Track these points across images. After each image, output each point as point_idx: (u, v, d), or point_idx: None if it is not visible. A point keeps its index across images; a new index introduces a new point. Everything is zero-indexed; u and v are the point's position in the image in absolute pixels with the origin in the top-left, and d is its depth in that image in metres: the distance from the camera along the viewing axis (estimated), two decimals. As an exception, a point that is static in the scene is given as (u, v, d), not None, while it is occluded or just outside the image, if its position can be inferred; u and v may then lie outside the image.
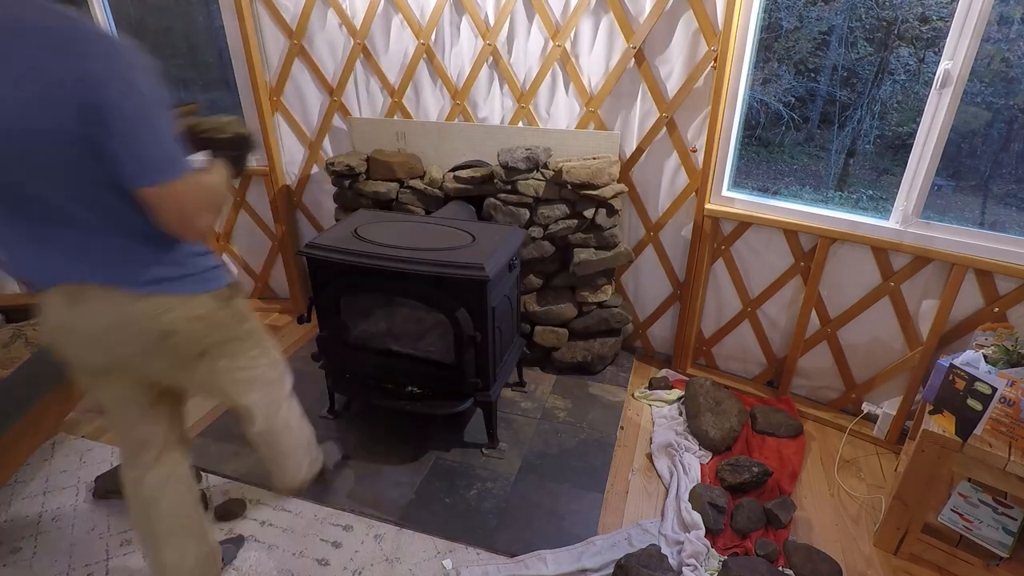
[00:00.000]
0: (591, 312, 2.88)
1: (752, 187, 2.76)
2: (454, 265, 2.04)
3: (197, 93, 3.47)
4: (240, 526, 2.05)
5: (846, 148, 2.68)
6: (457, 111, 2.92)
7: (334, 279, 2.22)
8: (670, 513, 2.10)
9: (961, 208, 2.45)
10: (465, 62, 2.81)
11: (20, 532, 2.02)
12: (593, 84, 2.67)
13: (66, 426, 2.54)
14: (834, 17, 2.51)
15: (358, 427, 2.54)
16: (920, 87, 2.33)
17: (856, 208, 2.57)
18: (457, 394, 2.27)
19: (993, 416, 1.75)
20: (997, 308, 2.16)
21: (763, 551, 1.93)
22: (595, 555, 1.93)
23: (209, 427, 2.55)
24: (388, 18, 2.82)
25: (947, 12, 2.03)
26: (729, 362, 3.01)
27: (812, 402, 2.77)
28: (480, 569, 1.88)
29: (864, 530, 2.10)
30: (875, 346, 2.51)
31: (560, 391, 2.84)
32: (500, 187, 2.67)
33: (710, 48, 2.39)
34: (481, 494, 2.19)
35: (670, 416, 2.67)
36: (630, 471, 2.36)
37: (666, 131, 2.63)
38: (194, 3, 3.24)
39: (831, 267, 2.49)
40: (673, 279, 2.95)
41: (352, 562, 1.92)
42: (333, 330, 2.34)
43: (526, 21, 2.65)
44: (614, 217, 2.71)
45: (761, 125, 2.73)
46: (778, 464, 2.34)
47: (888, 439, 2.51)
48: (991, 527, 1.88)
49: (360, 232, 2.28)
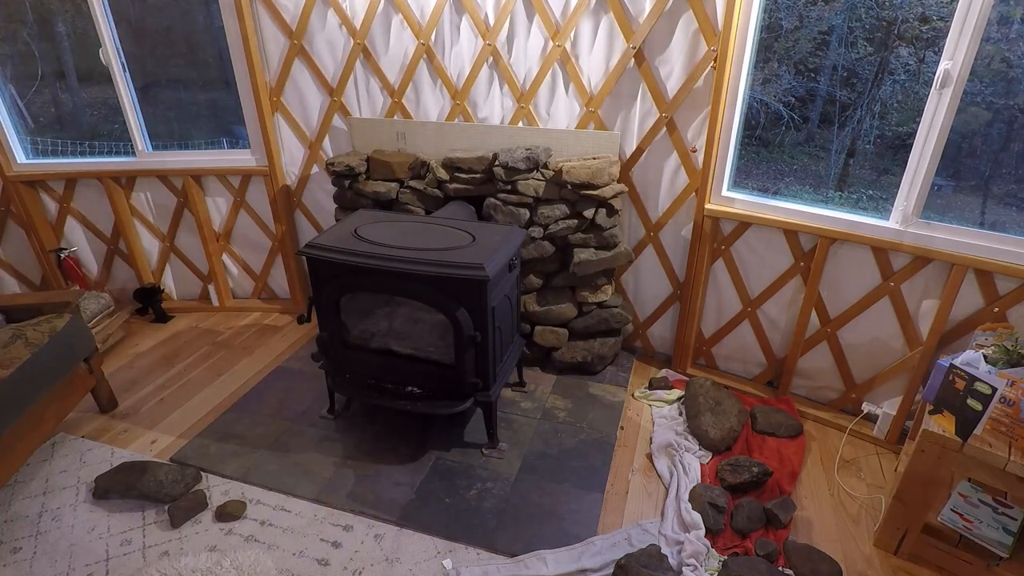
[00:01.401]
0: (591, 312, 2.88)
1: (752, 187, 2.76)
2: (454, 265, 2.04)
3: (197, 93, 3.47)
4: (240, 526, 2.05)
5: (846, 148, 2.68)
6: (457, 111, 2.92)
7: (334, 279, 2.22)
8: (670, 513, 2.10)
9: (961, 208, 2.44)
10: (465, 62, 2.81)
11: (20, 532, 2.03)
12: (593, 84, 2.67)
13: (66, 426, 2.54)
14: (834, 17, 2.51)
15: (358, 427, 2.54)
16: (920, 87, 2.33)
17: (856, 208, 2.57)
18: (457, 394, 2.27)
19: (993, 416, 1.75)
20: (997, 308, 2.16)
21: (763, 551, 1.93)
22: (595, 555, 1.93)
23: (209, 427, 2.55)
24: (388, 18, 2.82)
25: (947, 12, 2.03)
26: (729, 362, 3.01)
27: (812, 402, 2.77)
28: (480, 569, 1.88)
29: (864, 530, 2.10)
30: (875, 346, 2.51)
31: (560, 391, 2.84)
32: (500, 187, 2.67)
33: (710, 48, 2.39)
34: (481, 494, 2.19)
35: (670, 416, 2.67)
36: (630, 471, 2.36)
37: (666, 131, 2.63)
38: (194, 3, 3.24)
39: (831, 267, 2.49)
40: (673, 279, 2.95)
41: (352, 562, 1.92)
42: (333, 330, 2.34)
43: (526, 21, 2.66)
44: (614, 217, 2.71)
45: (761, 125, 2.73)
46: (778, 464, 2.34)
47: (888, 439, 2.51)
48: (991, 527, 1.88)
49: (360, 232, 2.28)
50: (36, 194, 3.39)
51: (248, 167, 3.32)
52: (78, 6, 3.03)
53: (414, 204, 2.89)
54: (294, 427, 2.55)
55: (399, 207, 2.92)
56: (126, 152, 3.38)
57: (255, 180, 3.37)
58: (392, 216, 2.62)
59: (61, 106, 3.55)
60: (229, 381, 2.93)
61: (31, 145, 3.40)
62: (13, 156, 3.29)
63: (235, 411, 2.66)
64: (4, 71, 3.26)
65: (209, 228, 3.49)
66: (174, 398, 2.80)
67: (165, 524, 2.05)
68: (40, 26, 3.29)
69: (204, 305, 3.72)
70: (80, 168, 3.33)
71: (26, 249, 3.49)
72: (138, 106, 3.25)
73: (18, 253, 3.53)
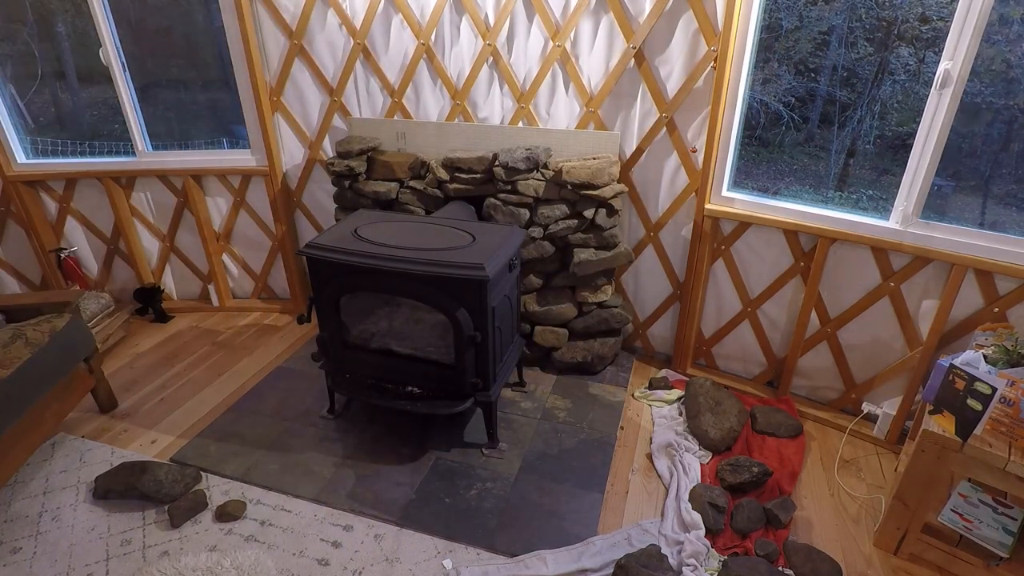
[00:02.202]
0: (591, 312, 2.88)
1: (752, 187, 2.76)
2: (454, 265, 2.04)
3: (197, 93, 3.47)
4: (240, 526, 2.05)
5: (846, 148, 2.68)
6: (457, 111, 2.92)
7: (334, 279, 2.22)
8: (670, 513, 2.10)
9: (961, 208, 2.44)
10: (465, 62, 2.81)
11: (20, 532, 2.03)
12: (593, 84, 2.67)
13: (66, 426, 2.54)
14: (834, 17, 2.51)
15: (358, 427, 2.54)
16: (920, 87, 2.32)
17: (856, 208, 2.57)
18: (457, 394, 2.27)
19: (993, 416, 1.75)
20: (997, 308, 2.16)
21: (763, 551, 1.93)
22: (595, 555, 1.93)
23: (209, 427, 2.55)
24: (388, 18, 2.82)
25: (947, 12, 2.03)
26: (729, 362, 3.01)
27: (812, 402, 2.77)
28: (480, 569, 1.88)
29: (864, 530, 2.10)
30: (875, 346, 2.51)
31: (560, 391, 2.84)
32: (500, 187, 2.67)
33: (710, 48, 2.39)
34: (481, 494, 2.19)
35: (670, 416, 2.67)
36: (630, 471, 2.36)
37: (666, 131, 2.63)
38: (194, 3, 3.24)
39: (831, 267, 2.49)
40: (673, 279, 2.95)
41: (352, 562, 1.92)
42: (333, 330, 2.34)
43: (526, 21, 2.66)
44: (614, 217, 2.71)
45: (761, 125, 2.73)
46: (778, 464, 2.34)
47: (888, 439, 2.51)
48: (991, 527, 1.88)
49: (360, 232, 2.28)
50: (36, 194, 3.39)
51: (248, 167, 3.32)
52: (78, 6, 3.03)
53: (414, 204, 2.89)
54: (294, 427, 2.55)
55: (399, 207, 2.92)
56: (126, 152, 3.38)
57: (255, 180, 3.37)
58: (392, 216, 2.62)
59: (61, 106, 3.55)
60: (229, 381, 2.93)
61: (31, 145, 3.40)
62: (13, 156, 3.29)
63: (235, 411, 2.67)
64: (4, 71, 3.26)
65: (209, 228, 3.49)
66: (174, 398, 2.80)
67: (165, 524, 2.05)
68: (40, 26, 3.29)
69: (204, 305, 3.72)
70: (80, 168, 3.33)
71: (26, 249, 3.49)
72: (138, 106, 3.25)
73: (18, 253, 3.53)
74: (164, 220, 3.53)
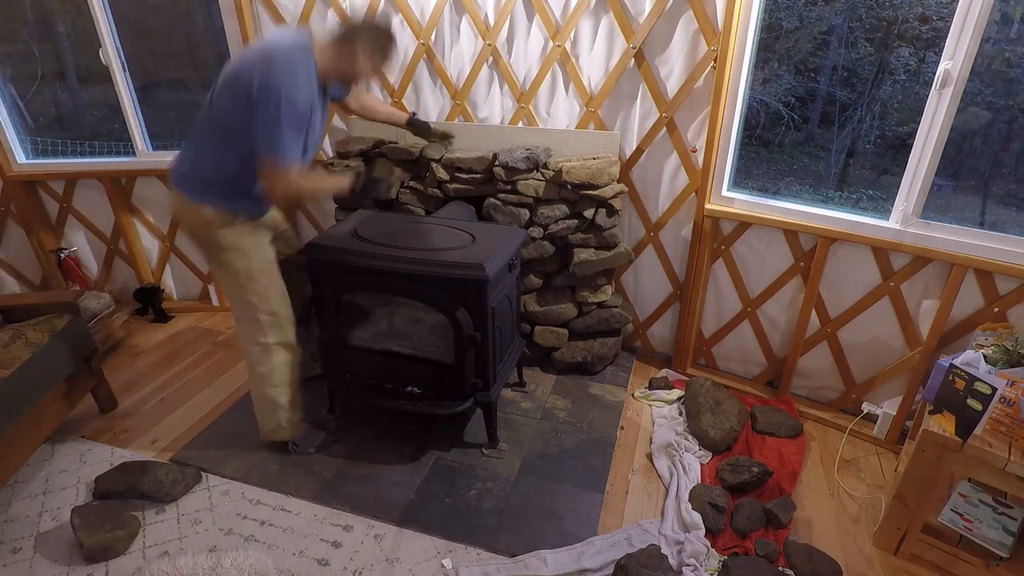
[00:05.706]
0: (591, 312, 2.88)
1: (752, 187, 2.75)
2: (454, 265, 2.04)
3: (197, 93, 3.46)
4: (240, 526, 2.05)
5: (846, 148, 2.67)
6: (457, 111, 2.92)
7: (334, 279, 2.22)
8: (670, 513, 2.10)
9: (961, 208, 2.44)
10: (465, 62, 2.80)
11: (20, 532, 2.02)
12: (593, 84, 2.67)
13: (66, 426, 2.54)
14: (834, 17, 2.51)
15: (358, 427, 2.54)
16: (920, 87, 2.32)
17: (856, 208, 2.57)
18: (457, 394, 2.27)
19: (993, 416, 1.75)
20: (997, 308, 2.16)
21: (763, 551, 1.93)
22: (595, 555, 1.93)
23: (209, 427, 2.55)
24: (388, 18, 2.82)
25: (947, 12, 2.03)
26: (729, 362, 3.01)
27: (812, 402, 2.77)
28: (480, 569, 1.88)
29: (864, 530, 2.10)
30: (875, 346, 2.51)
31: (560, 391, 2.84)
32: (500, 187, 2.67)
33: (710, 48, 2.39)
34: (481, 494, 2.19)
35: (670, 416, 2.67)
36: (630, 471, 2.36)
37: (666, 131, 2.63)
38: (194, 3, 3.24)
39: (831, 267, 2.49)
40: (673, 279, 2.95)
41: (352, 562, 1.92)
42: (333, 330, 2.34)
43: (526, 21, 2.65)
44: (614, 217, 2.71)
45: (761, 125, 2.72)
46: (778, 464, 2.34)
47: (888, 439, 2.50)
48: (991, 527, 1.88)
49: (360, 232, 2.28)
50: (36, 194, 3.39)
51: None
52: (78, 6, 3.02)
53: (414, 204, 2.89)
54: (294, 427, 2.54)
55: (399, 207, 2.91)
56: (126, 152, 3.38)
57: (255, 180, 3.36)
58: (392, 216, 2.62)
59: (61, 106, 3.55)
60: (229, 381, 2.93)
61: (31, 145, 3.40)
62: (13, 156, 3.29)
63: (235, 411, 2.66)
64: (4, 71, 3.26)
65: (209, 228, 3.48)
66: (174, 398, 2.80)
67: (165, 524, 2.05)
68: (40, 26, 3.29)
69: (204, 305, 3.72)
70: (80, 168, 3.33)
71: (26, 249, 3.49)
72: (138, 106, 3.25)
73: (18, 253, 3.53)
74: (164, 220, 3.53)
